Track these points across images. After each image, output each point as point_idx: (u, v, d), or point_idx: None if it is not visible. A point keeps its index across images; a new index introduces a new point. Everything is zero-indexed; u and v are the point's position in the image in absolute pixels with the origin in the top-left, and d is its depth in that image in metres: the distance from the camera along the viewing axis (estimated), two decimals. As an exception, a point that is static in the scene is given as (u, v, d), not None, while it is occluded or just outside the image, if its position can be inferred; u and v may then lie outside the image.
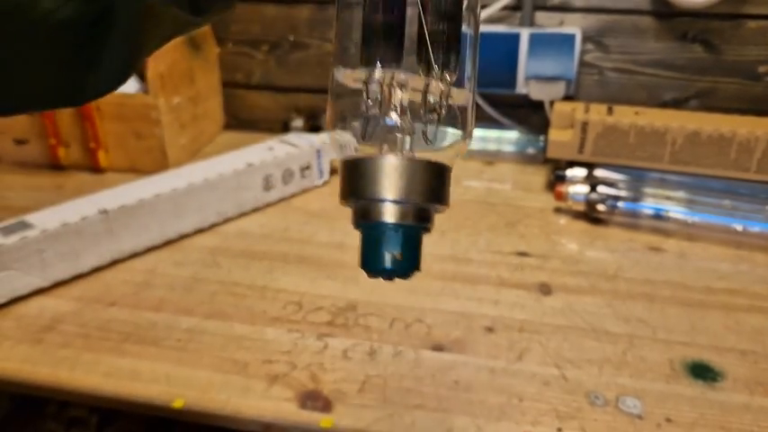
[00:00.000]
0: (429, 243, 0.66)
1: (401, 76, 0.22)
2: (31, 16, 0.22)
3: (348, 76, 0.23)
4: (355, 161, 0.22)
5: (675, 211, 0.60)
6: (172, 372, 0.43)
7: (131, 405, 0.42)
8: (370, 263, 0.23)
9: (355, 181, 0.22)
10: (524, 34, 0.74)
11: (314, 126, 0.81)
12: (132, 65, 0.26)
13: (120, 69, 0.25)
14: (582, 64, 0.78)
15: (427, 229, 0.23)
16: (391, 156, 0.22)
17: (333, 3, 0.26)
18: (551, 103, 0.75)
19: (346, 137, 0.23)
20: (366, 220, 0.22)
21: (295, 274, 0.55)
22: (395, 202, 0.22)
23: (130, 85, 0.74)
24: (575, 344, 0.46)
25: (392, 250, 0.22)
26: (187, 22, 0.27)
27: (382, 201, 0.22)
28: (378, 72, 0.22)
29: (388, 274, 0.23)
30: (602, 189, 0.62)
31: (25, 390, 0.43)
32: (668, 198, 0.62)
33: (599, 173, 0.66)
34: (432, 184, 0.22)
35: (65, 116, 0.73)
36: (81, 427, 0.67)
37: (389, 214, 0.22)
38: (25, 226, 0.51)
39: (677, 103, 0.78)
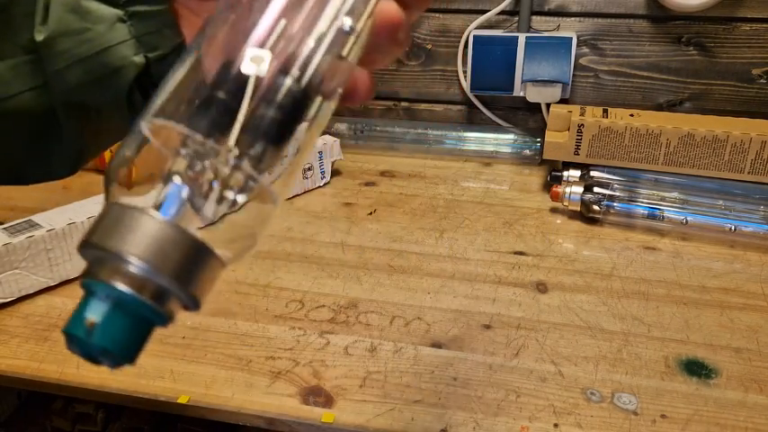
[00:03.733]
0: (428, 242, 0.66)
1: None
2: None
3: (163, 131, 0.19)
4: (123, 207, 0.18)
5: (670, 212, 0.60)
6: (177, 368, 0.44)
7: (137, 401, 0.42)
8: (67, 324, 0.18)
9: (107, 228, 0.18)
10: (521, 38, 0.75)
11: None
12: (77, 161, 0.27)
13: (65, 163, 0.26)
14: (578, 67, 0.78)
15: (161, 319, 0.18)
16: (159, 217, 0.18)
17: None
18: (548, 105, 0.76)
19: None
20: (92, 275, 0.18)
21: (297, 273, 0.55)
22: (135, 264, 0.17)
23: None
24: (571, 341, 0.47)
25: (91, 315, 0.17)
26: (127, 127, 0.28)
27: (123, 259, 0.17)
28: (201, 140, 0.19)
29: (79, 346, 0.18)
30: (597, 190, 0.63)
31: (32, 386, 0.44)
32: (663, 198, 0.63)
33: (594, 174, 0.67)
34: (189, 267, 0.18)
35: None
36: (87, 423, 0.68)
37: (123, 277, 0.17)
38: (32, 225, 0.52)
39: (672, 106, 0.79)
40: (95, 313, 0.17)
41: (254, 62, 0.19)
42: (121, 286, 0.17)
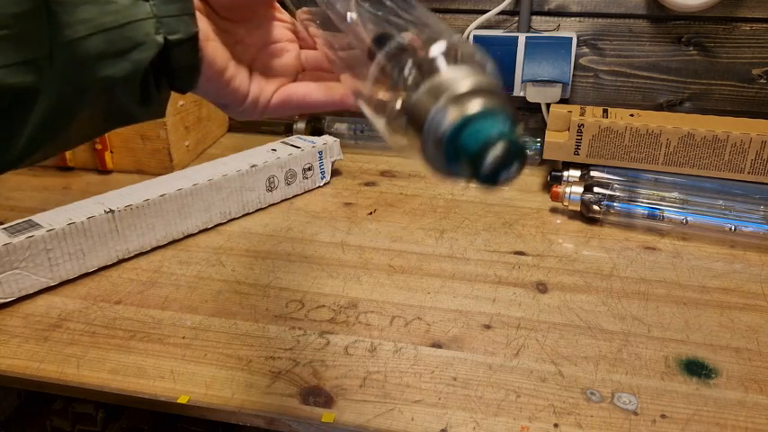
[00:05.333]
0: (428, 242, 0.67)
1: None
2: None
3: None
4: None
5: (670, 212, 0.60)
6: (177, 368, 0.44)
7: (137, 401, 0.42)
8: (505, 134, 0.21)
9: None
10: (521, 38, 0.75)
11: (316, 128, 0.82)
12: (42, 148, 0.25)
13: (29, 148, 0.25)
14: (578, 67, 0.78)
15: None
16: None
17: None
18: (548, 105, 0.76)
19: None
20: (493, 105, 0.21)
21: (297, 273, 0.55)
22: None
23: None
24: (571, 341, 0.47)
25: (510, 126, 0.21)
26: (124, 115, 0.27)
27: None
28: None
29: (512, 151, 0.21)
30: (597, 190, 0.63)
31: (32, 386, 0.44)
32: (663, 198, 0.63)
33: (594, 174, 0.67)
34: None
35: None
36: (87, 423, 0.68)
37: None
38: (32, 226, 0.52)
39: (672, 106, 0.79)
40: (507, 126, 0.21)
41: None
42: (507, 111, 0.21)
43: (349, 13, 0.29)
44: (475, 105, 0.21)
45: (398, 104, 0.24)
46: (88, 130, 0.27)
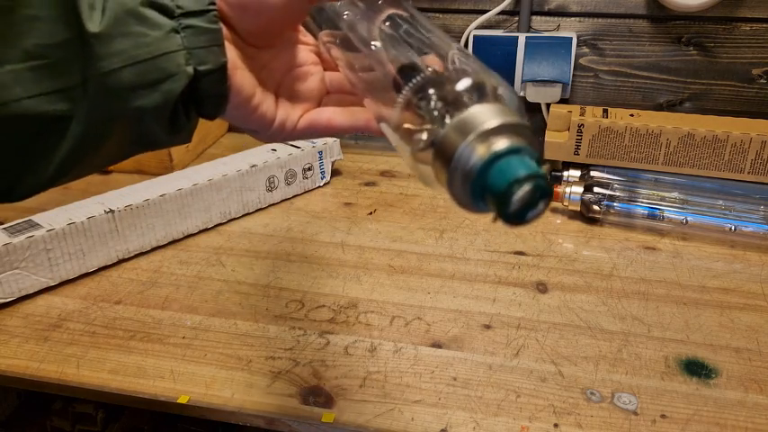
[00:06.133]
0: (428, 242, 0.67)
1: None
2: None
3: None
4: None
5: (670, 212, 0.60)
6: (177, 368, 0.44)
7: (137, 401, 0.42)
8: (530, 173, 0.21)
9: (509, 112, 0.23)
10: (521, 38, 0.75)
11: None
12: (72, 170, 0.26)
13: (60, 171, 0.26)
14: (578, 67, 0.78)
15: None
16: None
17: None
18: (548, 105, 0.76)
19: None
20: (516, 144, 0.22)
21: (297, 273, 0.55)
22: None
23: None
24: (571, 341, 0.47)
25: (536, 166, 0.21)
26: (152, 141, 0.28)
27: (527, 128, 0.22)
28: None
29: (538, 191, 0.21)
30: (597, 190, 0.63)
31: (32, 386, 0.44)
32: (663, 198, 0.63)
33: (594, 174, 0.67)
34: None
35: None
36: (87, 423, 0.68)
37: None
38: (32, 226, 0.52)
39: (672, 106, 0.79)
40: (534, 165, 0.21)
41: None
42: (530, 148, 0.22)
43: (372, 42, 0.30)
44: (503, 143, 0.21)
45: (425, 137, 0.24)
46: (116, 154, 0.28)
